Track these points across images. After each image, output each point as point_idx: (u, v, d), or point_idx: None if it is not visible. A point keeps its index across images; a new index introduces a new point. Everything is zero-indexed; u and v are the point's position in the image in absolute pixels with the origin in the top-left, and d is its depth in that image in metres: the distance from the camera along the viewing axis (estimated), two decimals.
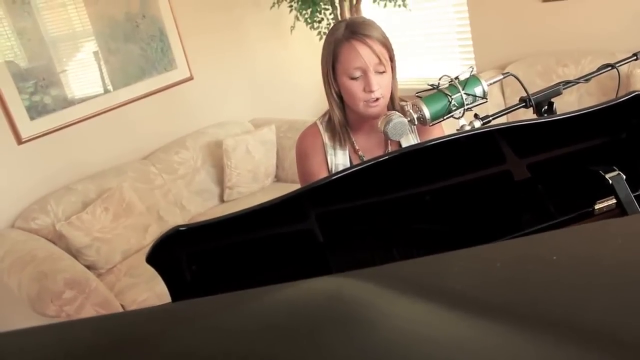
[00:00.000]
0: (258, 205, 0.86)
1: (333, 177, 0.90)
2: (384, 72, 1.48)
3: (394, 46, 1.54)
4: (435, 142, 0.90)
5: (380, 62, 1.46)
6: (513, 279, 0.58)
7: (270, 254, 0.91)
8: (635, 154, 1.00)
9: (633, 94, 0.90)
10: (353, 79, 1.47)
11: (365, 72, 1.46)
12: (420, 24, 4.04)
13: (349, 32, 1.46)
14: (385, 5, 3.66)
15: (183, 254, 0.84)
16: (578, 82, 1.48)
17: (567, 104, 3.06)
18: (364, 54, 1.44)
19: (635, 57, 1.54)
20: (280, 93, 4.14)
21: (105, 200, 2.93)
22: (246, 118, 3.93)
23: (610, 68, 1.50)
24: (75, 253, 2.72)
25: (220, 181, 3.56)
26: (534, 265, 0.59)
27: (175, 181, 3.38)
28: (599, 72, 1.50)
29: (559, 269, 0.57)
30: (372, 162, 0.91)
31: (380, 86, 1.48)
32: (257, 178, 3.54)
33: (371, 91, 1.46)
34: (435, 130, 1.65)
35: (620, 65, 1.50)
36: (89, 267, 2.70)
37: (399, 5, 3.63)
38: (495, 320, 0.50)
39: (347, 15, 3.81)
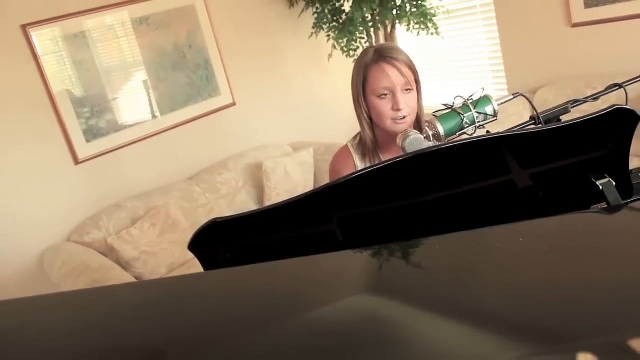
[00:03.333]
0: (288, 199, 1.01)
1: (353, 175, 1.02)
2: (410, 90, 1.60)
3: (428, 72, 1.67)
4: (434, 150, 1.04)
5: (407, 82, 1.58)
6: (541, 302, 0.62)
7: (296, 245, 1.05)
8: (624, 162, 1.10)
9: (614, 107, 1.02)
10: (382, 98, 1.59)
11: (392, 92, 1.58)
12: (453, 50, 4.17)
13: (378, 55, 1.60)
14: (418, 33, 3.81)
15: (220, 243, 1.00)
16: (586, 101, 1.57)
17: None
18: (392, 75, 1.57)
19: None
20: (318, 118, 4.32)
21: (152, 217, 3.13)
22: (285, 141, 4.12)
23: (618, 88, 1.60)
24: (124, 265, 2.93)
25: (260, 201, 3.73)
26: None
27: (217, 200, 3.57)
28: (607, 92, 1.59)
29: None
30: (388, 163, 1.04)
31: (407, 105, 1.59)
32: None
33: (399, 109, 1.58)
34: None
35: (628, 84, 1.59)
36: (136, 279, 2.89)
37: (432, 34, 3.77)
38: (526, 341, 0.53)
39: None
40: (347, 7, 3.89)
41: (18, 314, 0.75)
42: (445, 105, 1.48)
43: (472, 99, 1.49)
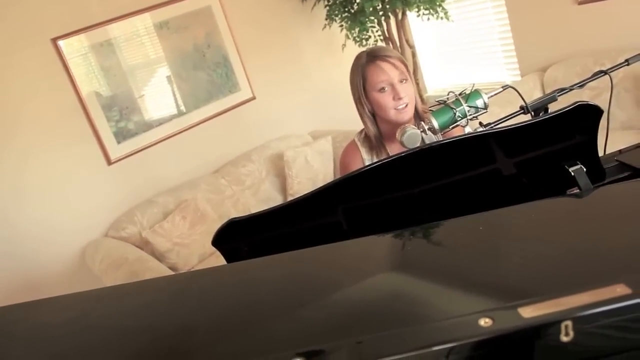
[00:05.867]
0: (295, 198, 1.18)
1: (359, 171, 1.18)
2: (406, 80, 1.78)
3: (440, 56, 1.82)
4: (428, 147, 1.19)
5: (402, 73, 1.76)
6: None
7: (309, 238, 1.21)
8: (593, 150, 1.23)
9: (577, 104, 1.15)
10: (382, 92, 1.77)
11: (391, 84, 1.76)
12: (463, 33, 4.26)
13: (371, 56, 1.79)
14: (428, 19, 3.90)
15: (238, 239, 1.17)
16: (572, 89, 1.68)
17: (604, 101, 3.20)
18: (387, 69, 1.75)
19: (626, 63, 1.73)
20: (335, 106, 4.44)
21: (182, 210, 3.34)
22: (305, 131, 4.28)
23: (603, 74, 1.71)
24: (159, 257, 3.14)
25: (283, 189, 3.91)
26: None
27: (243, 191, 3.76)
28: (592, 79, 1.70)
29: None
30: (388, 160, 1.20)
31: (406, 94, 1.77)
32: (316, 185, 3.83)
33: (400, 98, 1.76)
34: (457, 134, 1.91)
35: (612, 71, 1.69)
36: (171, 269, 3.11)
37: (441, 18, 3.87)
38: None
39: (394, 31, 4.09)
40: None
41: (80, 304, 0.94)
42: (438, 101, 1.62)
43: (463, 94, 1.63)
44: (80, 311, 0.94)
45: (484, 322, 0.54)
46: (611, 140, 1.61)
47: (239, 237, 1.16)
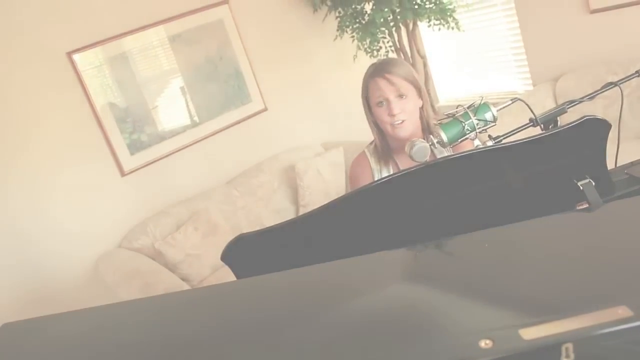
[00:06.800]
0: (304, 214, 1.19)
1: (364, 187, 1.19)
2: (404, 96, 1.78)
3: (452, 66, 1.82)
4: (437, 161, 1.19)
5: (397, 89, 1.77)
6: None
7: (314, 251, 1.22)
8: (601, 164, 1.23)
9: (584, 118, 1.15)
10: (379, 106, 1.80)
11: (387, 100, 1.78)
12: (475, 43, 4.25)
13: (375, 71, 1.82)
14: (439, 29, 3.91)
15: (246, 254, 1.18)
16: (582, 101, 1.67)
17: (617, 111, 3.18)
18: (382, 86, 1.78)
19: (637, 74, 1.72)
20: (347, 117, 4.46)
21: (195, 221, 3.36)
22: (317, 142, 4.29)
23: (613, 86, 1.70)
24: (171, 267, 3.16)
25: (295, 200, 3.92)
26: None
27: (255, 202, 3.78)
28: (602, 90, 1.69)
29: None
30: (395, 175, 1.21)
31: (403, 110, 1.78)
32: (328, 196, 3.86)
33: (393, 115, 1.77)
34: (466, 147, 1.91)
35: (622, 82, 1.68)
36: (183, 280, 3.13)
37: (452, 28, 3.87)
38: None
39: (405, 41, 4.11)
40: (368, 8, 4.03)
41: (92, 319, 0.95)
42: (447, 114, 1.62)
43: (473, 106, 1.63)
44: (92, 327, 0.96)
45: (485, 343, 0.54)
46: (625, 150, 1.59)
47: (247, 253, 1.17)
